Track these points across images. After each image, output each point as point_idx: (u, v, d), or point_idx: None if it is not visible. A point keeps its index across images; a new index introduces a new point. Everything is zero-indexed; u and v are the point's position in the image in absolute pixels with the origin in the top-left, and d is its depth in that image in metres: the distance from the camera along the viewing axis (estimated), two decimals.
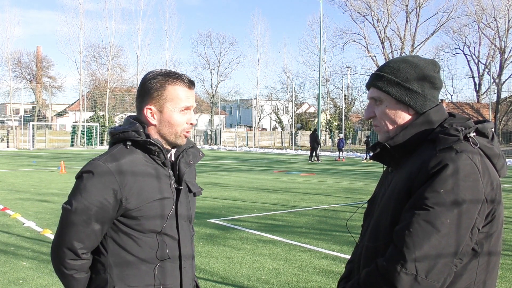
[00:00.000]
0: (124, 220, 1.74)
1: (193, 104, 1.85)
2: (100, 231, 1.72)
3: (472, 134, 1.49)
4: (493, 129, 1.57)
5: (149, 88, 1.79)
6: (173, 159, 1.88)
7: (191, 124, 1.84)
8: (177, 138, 1.82)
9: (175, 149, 1.88)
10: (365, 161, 27.34)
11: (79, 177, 1.73)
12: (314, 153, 26.58)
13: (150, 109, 1.79)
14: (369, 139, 28.54)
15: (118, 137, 1.80)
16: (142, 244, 1.75)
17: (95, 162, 1.72)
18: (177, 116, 1.80)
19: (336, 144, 30.75)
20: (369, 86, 1.67)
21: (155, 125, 1.80)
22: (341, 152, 29.00)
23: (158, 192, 1.77)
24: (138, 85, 1.88)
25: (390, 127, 1.61)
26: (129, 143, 1.77)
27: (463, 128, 1.49)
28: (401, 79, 1.58)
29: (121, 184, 1.69)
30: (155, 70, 1.83)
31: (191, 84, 1.83)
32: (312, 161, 26.07)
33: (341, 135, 30.24)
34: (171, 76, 1.79)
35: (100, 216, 1.69)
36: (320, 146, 26.89)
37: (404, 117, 1.59)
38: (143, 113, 1.81)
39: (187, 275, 1.85)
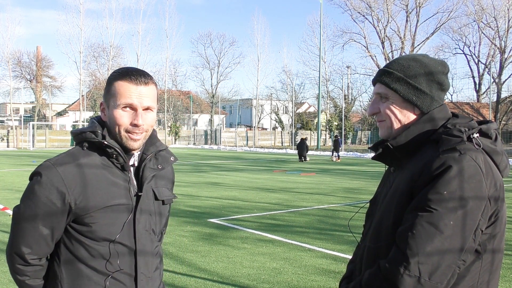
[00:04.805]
0: (76, 226, 1.65)
1: (141, 103, 1.65)
2: (50, 237, 1.63)
3: (475, 135, 1.47)
4: (497, 130, 1.55)
5: (106, 84, 1.73)
6: (136, 163, 1.74)
7: (135, 125, 1.64)
8: (124, 140, 1.66)
9: (138, 152, 1.74)
10: (336, 160, 27.91)
11: (30, 179, 1.65)
12: (302, 154, 27.06)
13: (102, 103, 1.72)
14: (338, 138, 29.36)
15: (78, 138, 1.70)
16: (94, 252, 1.64)
17: (45, 163, 1.64)
18: (117, 114, 1.64)
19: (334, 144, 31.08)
20: (375, 81, 1.61)
21: (106, 122, 1.71)
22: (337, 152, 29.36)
23: (112, 198, 1.65)
24: None
25: (394, 125, 1.57)
26: (86, 144, 1.68)
27: (467, 129, 1.47)
28: (410, 78, 1.53)
29: (69, 187, 1.59)
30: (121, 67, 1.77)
31: (139, 81, 1.65)
32: (306, 161, 26.25)
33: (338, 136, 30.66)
34: (123, 72, 1.68)
35: (48, 220, 1.60)
36: (308, 149, 27.60)
37: (409, 116, 1.56)
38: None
39: None
